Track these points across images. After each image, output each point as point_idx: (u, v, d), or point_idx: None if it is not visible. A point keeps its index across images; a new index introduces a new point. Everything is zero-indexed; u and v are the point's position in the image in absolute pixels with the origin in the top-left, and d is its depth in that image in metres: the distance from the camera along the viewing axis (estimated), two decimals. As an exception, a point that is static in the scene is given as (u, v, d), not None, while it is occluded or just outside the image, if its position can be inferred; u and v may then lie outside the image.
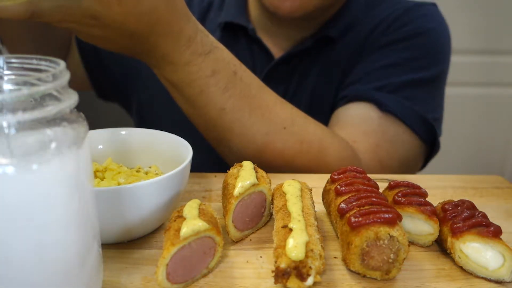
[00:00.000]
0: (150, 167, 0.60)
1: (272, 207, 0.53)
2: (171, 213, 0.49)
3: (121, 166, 0.58)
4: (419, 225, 0.51)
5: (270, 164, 0.69)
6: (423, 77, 0.84)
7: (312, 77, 0.91)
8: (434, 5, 0.94)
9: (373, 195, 0.48)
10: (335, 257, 0.49)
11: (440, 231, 0.50)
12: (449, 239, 0.48)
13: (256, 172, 0.53)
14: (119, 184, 0.53)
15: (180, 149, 0.56)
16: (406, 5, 0.92)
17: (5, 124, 0.29)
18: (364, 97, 0.80)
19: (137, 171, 0.57)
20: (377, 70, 0.84)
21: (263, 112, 0.68)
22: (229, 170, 0.55)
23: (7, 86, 0.30)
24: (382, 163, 0.78)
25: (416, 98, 0.82)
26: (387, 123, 0.79)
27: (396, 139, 0.80)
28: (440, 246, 0.51)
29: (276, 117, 0.69)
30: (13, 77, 0.35)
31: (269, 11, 0.86)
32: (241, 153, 0.69)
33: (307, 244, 0.41)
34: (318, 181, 0.61)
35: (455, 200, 0.53)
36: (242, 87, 0.66)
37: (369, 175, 0.55)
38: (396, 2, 0.93)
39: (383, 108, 0.79)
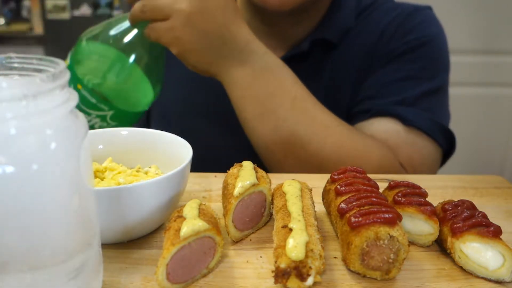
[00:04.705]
0: (150, 167, 0.60)
1: (272, 207, 0.53)
2: (171, 213, 0.49)
3: (121, 166, 0.58)
4: (419, 225, 0.51)
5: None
6: (435, 86, 0.87)
7: (314, 83, 0.91)
8: (430, 8, 0.95)
9: (373, 195, 0.48)
10: (335, 257, 0.49)
11: (440, 231, 0.50)
12: (449, 239, 0.48)
13: (256, 172, 0.53)
14: (119, 184, 0.53)
15: (180, 149, 0.56)
16: (405, 10, 0.92)
17: (5, 124, 0.29)
18: (387, 112, 0.82)
19: (137, 171, 0.57)
20: (392, 83, 0.86)
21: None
22: (229, 170, 0.55)
23: (7, 86, 0.30)
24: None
25: (432, 108, 0.85)
26: (412, 136, 0.82)
27: (424, 150, 0.82)
28: (440, 246, 0.51)
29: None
30: (13, 77, 0.35)
31: (258, 7, 0.86)
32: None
33: (307, 244, 0.41)
34: (318, 181, 0.61)
35: (455, 200, 0.53)
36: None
37: (369, 175, 0.55)
38: (392, 8, 0.94)
39: (407, 122, 0.81)
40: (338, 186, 0.51)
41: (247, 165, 0.54)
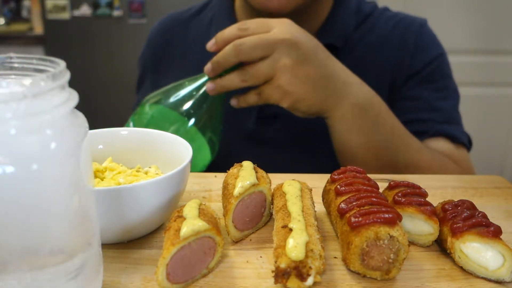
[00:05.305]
0: (150, 167, 0.60)
1: (272, 207, 0.53)
2: (171, 213, 0.49)
3: (121, 166, 0.58)
4: (419, 225, 0.51)
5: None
6: (457, 99, 0.94)
7: None
8: (425, 21, 0.98)
9: (373, 195, 0.48)
10: (335, 257, 0.49)
11: (440, 231, 0.50)
12: (449, 239, 0.48)
13: (256, 172, 0.53)
14: (119, 184, 0.53)
15: (180, 149, 0.56)
16: (410, 25, 0.94)
17: (5, 124, 0.29)
18: (440, 133, 0.88)
19: (137, 171, 0.57)
20: (432, 104, 0.90)
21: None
22: (229, 170, 0.55)
23: (7, 86, 0.30)
24: None
25: (459, 120, 0.93)
26: (461, 151, 0.89)
27: (469, 161, 0.91)
28: (440, 246, 0.51)
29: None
30: (13, 77, 0.35)
31: (257, 9, 0.85)
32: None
33: (307, 244, 0.41)
34: (318, 181, 0.61)
35: (455, 200, 0.53)
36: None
37: (369, 175, 0.55)
38: (394, 19, 0.95)
39: (456, 140, 0.88)
40: (338, 186, 0.51)
41: (247, 165, 0.54)
